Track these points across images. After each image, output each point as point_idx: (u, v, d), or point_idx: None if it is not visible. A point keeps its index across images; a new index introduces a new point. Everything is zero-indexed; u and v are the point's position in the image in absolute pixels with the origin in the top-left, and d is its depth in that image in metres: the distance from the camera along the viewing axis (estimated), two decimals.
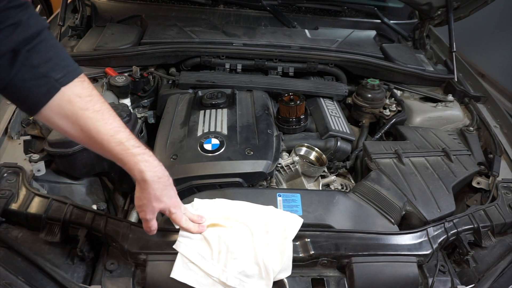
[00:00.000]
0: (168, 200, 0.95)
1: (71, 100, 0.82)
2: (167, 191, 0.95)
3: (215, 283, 0.95)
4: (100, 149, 0.88)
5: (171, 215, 0.98)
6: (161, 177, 0.92)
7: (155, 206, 0.93)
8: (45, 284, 0.94)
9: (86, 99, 0.83)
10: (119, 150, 0.87)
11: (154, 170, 0.91)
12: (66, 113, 0.82)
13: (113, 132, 0.86)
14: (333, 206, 1.17)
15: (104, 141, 0.85)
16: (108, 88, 1.65)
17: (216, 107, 1.55)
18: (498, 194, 1.30)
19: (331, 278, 1.05)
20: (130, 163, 0.88)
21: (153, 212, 0.94)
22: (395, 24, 2.40)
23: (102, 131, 0.85)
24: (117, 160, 0.89)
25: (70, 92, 0.82)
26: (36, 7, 3.75)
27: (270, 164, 1.31)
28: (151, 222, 0.96)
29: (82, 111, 0.83)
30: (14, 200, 1.08)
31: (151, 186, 0.90)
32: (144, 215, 0.94)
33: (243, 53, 1.86)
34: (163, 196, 0.94)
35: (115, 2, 2.29)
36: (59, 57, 0.82)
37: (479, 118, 1.70)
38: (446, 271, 1.09)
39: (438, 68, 2.05)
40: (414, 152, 1.41)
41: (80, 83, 0.84)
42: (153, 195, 0.92)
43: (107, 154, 0.88)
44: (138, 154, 0.88)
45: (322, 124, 1.58)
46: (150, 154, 0.92)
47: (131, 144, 0.88)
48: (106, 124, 0.85)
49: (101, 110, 0.85)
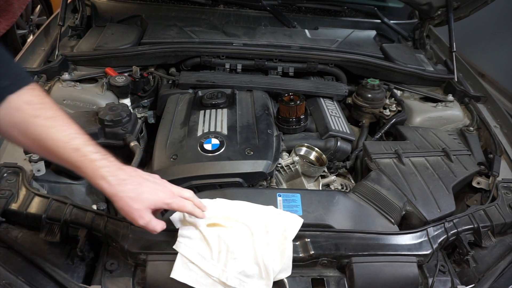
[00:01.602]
0: (150, 195, 0.89)
1: (20, 107, 0.79)
2: (144, 187, 0.89)
3: (215, 283, 0.95)
4: (56, 157, 0.83)
5: (170, 206, 0.92)
6: (127, 178, 0.87)
7: (138, 208, 0.87)
8: (45, 284, 0.94)
9: (36, 106, 0.80)
10: (75, 157, 0.82)
11: (116, 173, 0.85)
12: (15, 121, 0.79)
13: (67, 139, 0.82)
14: (333, 206, 1.17)
15: (59, 148, 0.81)
16: (108, 88, 1.65)
17: (216, 107, 1.55)
18: (498, 194, 1.30)
19: (331, 278, 1.05)
20: (89, 170, 0.83)
21: (141, 216, 0.87)
22: (395, 24, 2.39)
23: (55, 138, 0.81)
24: (76, 169, 0.84)
25: (19, 99, 0.79)
26: (36, 7, 3.74)
27: (270, 164, 1.31)
28: (150, 224, 0.89)
29: (32, 118, 0.79)
30: (14, 200, 1.08)
31: (119, 191, 0.85)
32: (137, 222, 0.88)
33: (243, 53, 1.86)
34: (142, 194, 0.87)
35: (115, 2, 2.29)
36: (7, 67, 0.80)
37: (479, 118, 1.70)
38: (446, 271, 1.09)
39: (438, 68, 2.05)
40: (414, 152, 1.41)
41: (30, 91, 0.81)
42: (128, 198, 0.86)
43: (64, 162, 0.83)
44: (96, 160, 0.84)
45: (322, 124, 1.58)
46: (111, 158, 0.87)
47: (88, 150, 0.83)
48: (59, 131, 0.81)
49: (53, 117, 0.81)
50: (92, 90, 1.65)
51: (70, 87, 1.61)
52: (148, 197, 0.89)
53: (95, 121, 1.38)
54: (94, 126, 1.36)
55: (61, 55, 1.73)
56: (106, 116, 1.36)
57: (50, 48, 1.84)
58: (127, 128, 1.38)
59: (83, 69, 1.78)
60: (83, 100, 1.59)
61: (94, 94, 1.62)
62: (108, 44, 1.83)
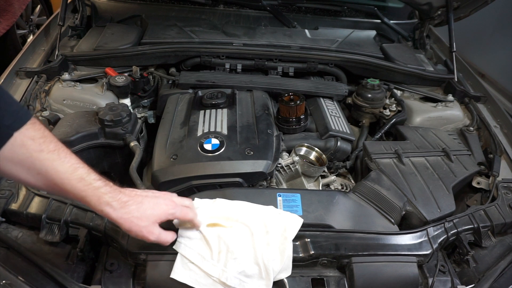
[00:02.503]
0: (154, 210, 0.91)
1: (24, 144, 0.79)
2: (146, 204, 0.91)
3: (215, 283, 0.95)
4: (61, 190, 0.84)
5: (174, 215, 0.95)
6: (128, 200, 0.89)
7: (145, 225, 0.89)
8: (45, 284, 0.94)
9: (40, 141, 0.81)
10: (81, 187, 0.84)
11: (118, 197, 0.87)
12: (20, 158, 0.79)
13: (72, 170, 0.83)
14: (333, 206, 1.17)
15: (64, 180, 0.82)
16: (108, 88, 1.65)
17: (216, 107, 1.55)
18: (498, 194, 1.30)
19: (331, 278, 1.05)
20: (94, 199, 0.85)
21: (151, 232, 0.90)
22: (395, 24, 2.40)
23: (60, 170, 0.82)
24: (81, 198, 0.85)
25: (23, 136, 0.79)
26: (36, 7, 3.74)
27: (270, 164, 1.31)
28: (161, 237, 0.92)
29: (37, 153, 0.80)
30: (14, 200, 1.08)
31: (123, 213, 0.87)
32: (148, 239, 0.90)
33: (243, 53, 1.86)
34: (146, 211, 0.90)
35: (115, 2, 2.29)
36: (7, 103, 0.80)
37: (479, 118, 1.70)
38: (446, 271, 1.09)
39: (438, 68, 2.05)
40: (414, 152, 1.41)
41: (31, 125, 0.81)
42: (134, 218, 0.88)
43: (69, 194, 0.84)
44: (100, 187, 0.86)
45: (322, 124, 1.58)
46: (111, 184, 0.89)
47: (92, 178, 0.85)
48: (63, 163, 0.82)
49: (56, 149, 0.82)
50: (92, 90, 1.65)
51: (70, 87, 1.61)
52: (152, 212, 0.91)
53: (95, 121, 1.38)
54: (94, 126, 1.36)
55: (61, 55, 1.73)
56: (106, 116, 1.36)
57: (50, 48, 1.84)
58: (127, 128, 1.38)
59: (83, 69, 1.78)
60: (83, 100, 1.59)
61: (94, 94, 1.62)
62: (108, 44, 1.83)
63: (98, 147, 1.38)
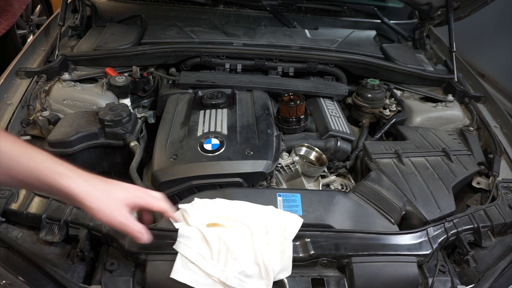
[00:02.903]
0: (122, 191, 0.84)
1: None
2: (113, 183, 0.85)
3: (215, 283, 0.94)
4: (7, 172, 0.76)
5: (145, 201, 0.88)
6: (90, 176, 0.82)
7: (118, 207, 0.81)
8: (45, 284, 0.94)
9: None
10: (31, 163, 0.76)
11: (77, 170, 0.80)
12: None
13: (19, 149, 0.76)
14: (333, 206, 1.17)
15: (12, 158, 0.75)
16: (108, 88, 1.65)
17: (216, 107, 1.55)
18: (498, 194, 1.30)
19: (331, 278, 1.05)
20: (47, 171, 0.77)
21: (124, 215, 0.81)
22: (395, 24, 2.40)
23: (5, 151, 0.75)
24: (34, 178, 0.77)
25: None
26: (36, 7, 3.74)
27: (270, 164, 1.31)
28: (130, 227, 0.83)
29: None
30: (14, 200, 1.08)
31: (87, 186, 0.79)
32: (116, 218, 0.81)
33: (243, 53, 1.86)
34: (114, 190, 0.83)
35: (115, 2, 2.29)
36: None
37: (479, 118, 1.70)
38: (446, 271, 1.09)
39: (438, 68, 2.05)
40: (414, 152, 1.41)
41: None
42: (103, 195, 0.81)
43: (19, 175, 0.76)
44: (53, 158, 0.79)
45: (322, 124, 1.58)
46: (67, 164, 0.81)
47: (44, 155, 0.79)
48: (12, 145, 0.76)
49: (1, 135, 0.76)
50: (92, 90, 1.65)
51: (70, 87, 1.61)
52: (121, 193, 0.85)
53: (95, 121, 1.38)
54: (94, 126, 1.36)
55: (61, 55, 1.73)
56: (106, 116, 1.36)
57: (50, 48, 1.84)
58: (127, 128, 1.38)
59: (83, 69, 1.78)
60: (83, 100, 1.59)
61: (94, 94, 1.62)
62: (108, 44, 1.83)
63: (98, 147, 1.38)
